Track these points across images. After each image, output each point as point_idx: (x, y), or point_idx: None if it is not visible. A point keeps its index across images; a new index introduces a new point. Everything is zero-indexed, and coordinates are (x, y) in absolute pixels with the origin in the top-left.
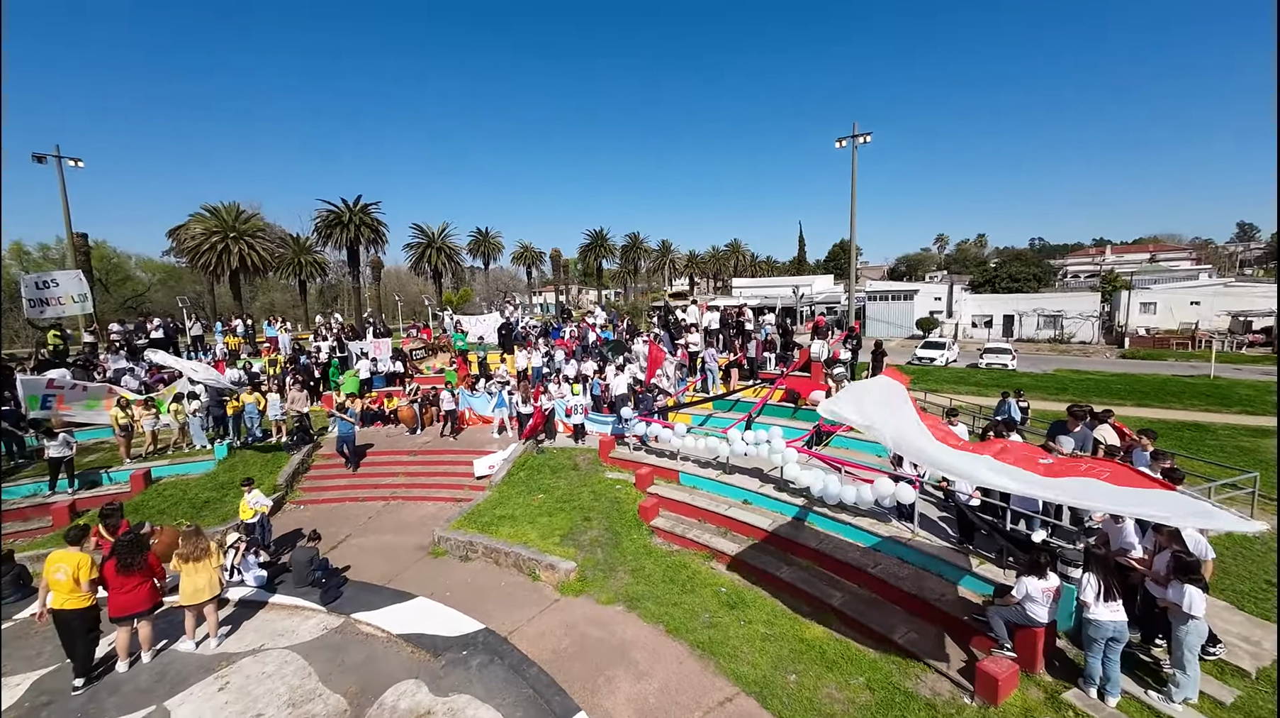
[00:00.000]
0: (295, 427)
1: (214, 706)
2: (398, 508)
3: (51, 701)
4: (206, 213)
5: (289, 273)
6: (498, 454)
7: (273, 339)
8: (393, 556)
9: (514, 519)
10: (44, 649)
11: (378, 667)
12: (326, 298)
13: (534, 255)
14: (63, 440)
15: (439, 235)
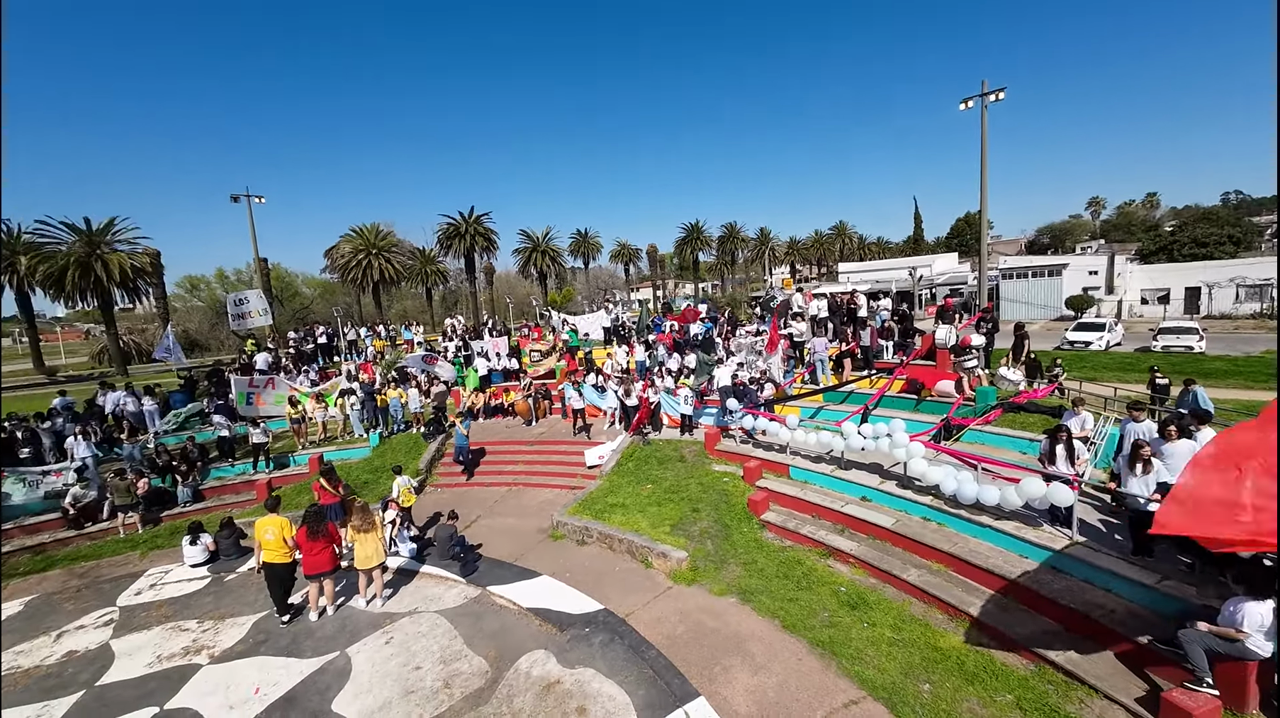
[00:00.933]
0: (431, 418)
1: (383, 656)
2: (519, 494)
3: (267, 638)
4: (353, 233)
5: (417, 282)
6: (607, 445)
7: (409, 342)
8: (517, 536)
9: (625, 508)
10: (259, 598)
11: (511, 636)
12: (448, 303)
13: (631, 253)
14: (262, 430)
15: (543, 239)
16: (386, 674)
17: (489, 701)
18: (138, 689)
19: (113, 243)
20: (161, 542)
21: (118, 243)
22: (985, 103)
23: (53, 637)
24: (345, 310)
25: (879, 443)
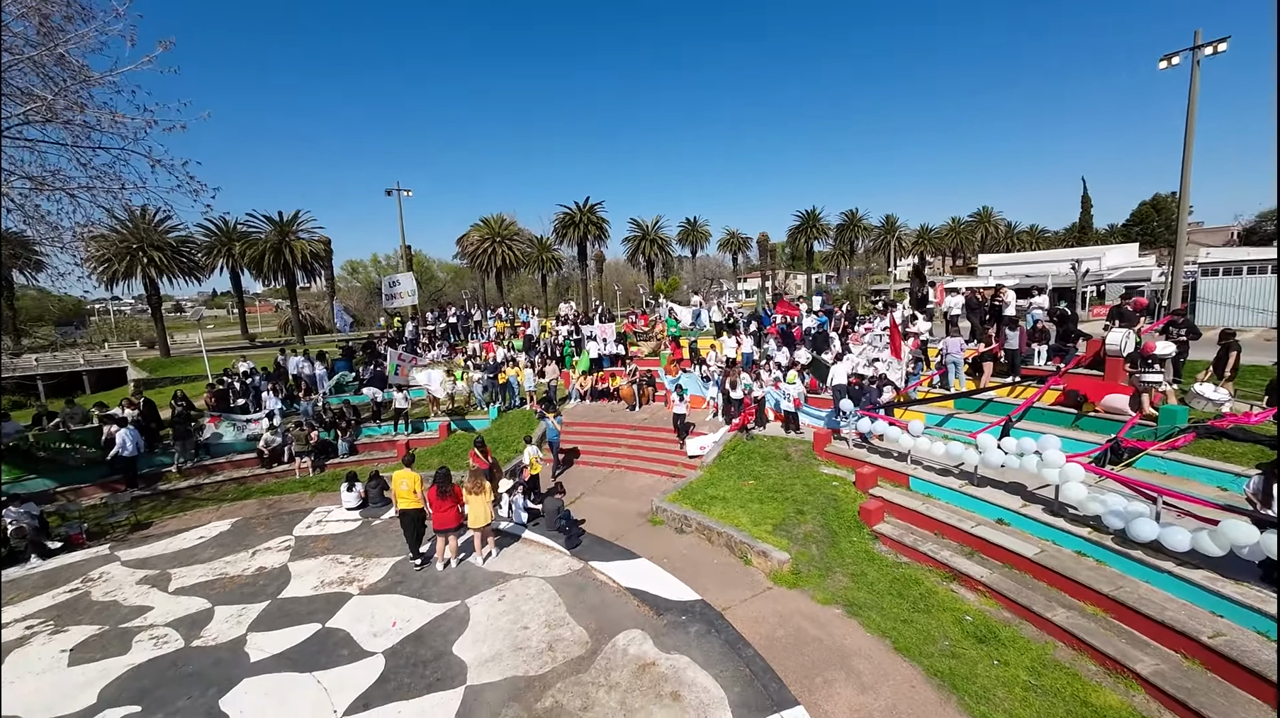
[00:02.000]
0: (544, 396)
1: (496, 611)
2: (620, 476)
3: (403, 580)
4: (482, 223)
5: (534, 268)
6: (709, 436)
7: (526, 324)
8: (618, 517)
9: (725, 501)
10: (398, 543)
11: (610, 611)
12: (561, 289)
13: (740, 242)
14: (404, 397)
15: (652, 228)
16: (499, 629)
17: (588, 669)
18: (307, 606)
19: (297, 231)
20: (326, 485)
21: (300, 231)
22: (1197, 58)
23: (249, 553)
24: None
25: (1024, 461)
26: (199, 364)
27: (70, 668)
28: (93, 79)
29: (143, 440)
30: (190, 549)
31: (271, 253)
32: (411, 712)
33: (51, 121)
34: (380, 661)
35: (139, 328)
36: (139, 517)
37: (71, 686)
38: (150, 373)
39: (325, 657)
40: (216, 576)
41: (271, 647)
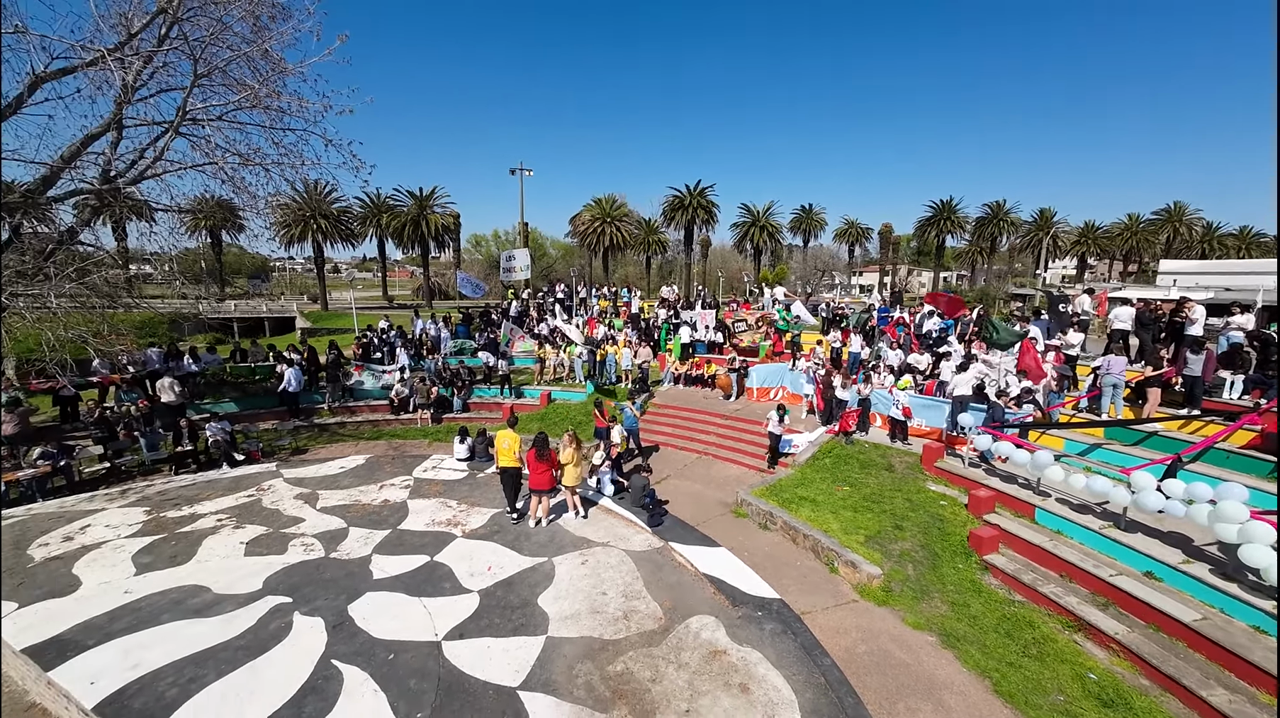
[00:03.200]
0: (639, 376)
1: (579, 573)
2: (708, 463)
3: (499, 530)
4: (593, 203)
5: (640, 250)
6: (804, 435)
7: (627, 304)
8: (701, 504)
9: (815, 504)
10: (497, 496)
11: (686, 593)
12: (664, 272)
13: (859, 232)
14: (508, 365)
15: (763, 214)
16: (579, 590)
17: (659, 645)
18: (419, 540)
19: (433, 206)
20: (441, 436)
21: (435, 205)
22: None
23: (378, 486)
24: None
25: (1192, 509)
26: (348, 319)
27: (245, 558)
28: (287, 70)
29: (304, 380)
30: (334, 476)
31: (411, 224)
32: (499, 648)
33: (255, 107)
34: (475, 598)
35: (306, 284)
36: (298, 443)
37: (246, 572)
38: (312, 323)
39: (431, 586)
40: (351, 501)
41: (390, 569)
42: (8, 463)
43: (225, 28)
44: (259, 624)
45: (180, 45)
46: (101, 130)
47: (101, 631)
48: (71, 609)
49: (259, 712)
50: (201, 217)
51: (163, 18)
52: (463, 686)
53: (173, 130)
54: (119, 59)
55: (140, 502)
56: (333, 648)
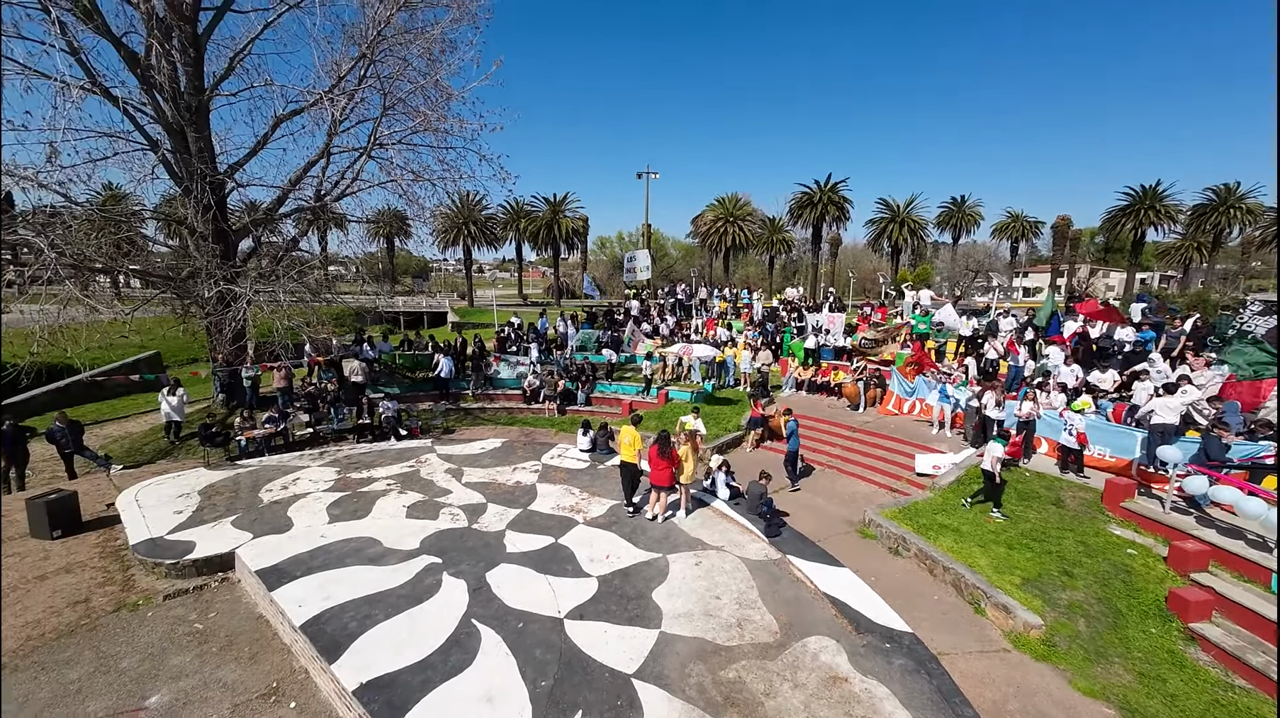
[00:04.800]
0: (758, 379)
1: (692, 573)
2: (831, 477)
3: (617, 522)
4: (717, 203)
5: (762, 249)
6: (946, 456)
7: (748, 306)
8: (823, 519)
9: (958, 534)
10: (616, 489)
11: (804, 611)
12: (788, 272)
13: (1025, 226)
14: (651, 364)
15: (904, 209)
16: (693, 590)
17: (774, 659)
18: (546, 522)
19: (564, 210)
20: (566, 427)
21: (567, 210)
22: None
23: (511, 468)
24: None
25: None
26: (489, 315)
27: (406, 519)
28: (453, 95)
29: (454, 368)
30: (475, 455)
31: (544, 228)
32: (615, 634)
33: (427, 130)
34: (594, 584)
35: (456, 283)
36: (448, 424)
37: (406, 532)
38: (461, 318)
39: (555, 566)
40: (489, 479)
41: (521, 545)
42: (247, 423)
43: (407, 64)
44: (416, 578)
45: (373, 83)
46: (317, 158)
47: (305, 565)
48: (286, 545)
49: (415, 654)
50: (381, 225)
51: (363, 61)
52: (582, 663)
53: (365, 155)
54: (331, 98)
55: (333, 463)
56: (473, 609)
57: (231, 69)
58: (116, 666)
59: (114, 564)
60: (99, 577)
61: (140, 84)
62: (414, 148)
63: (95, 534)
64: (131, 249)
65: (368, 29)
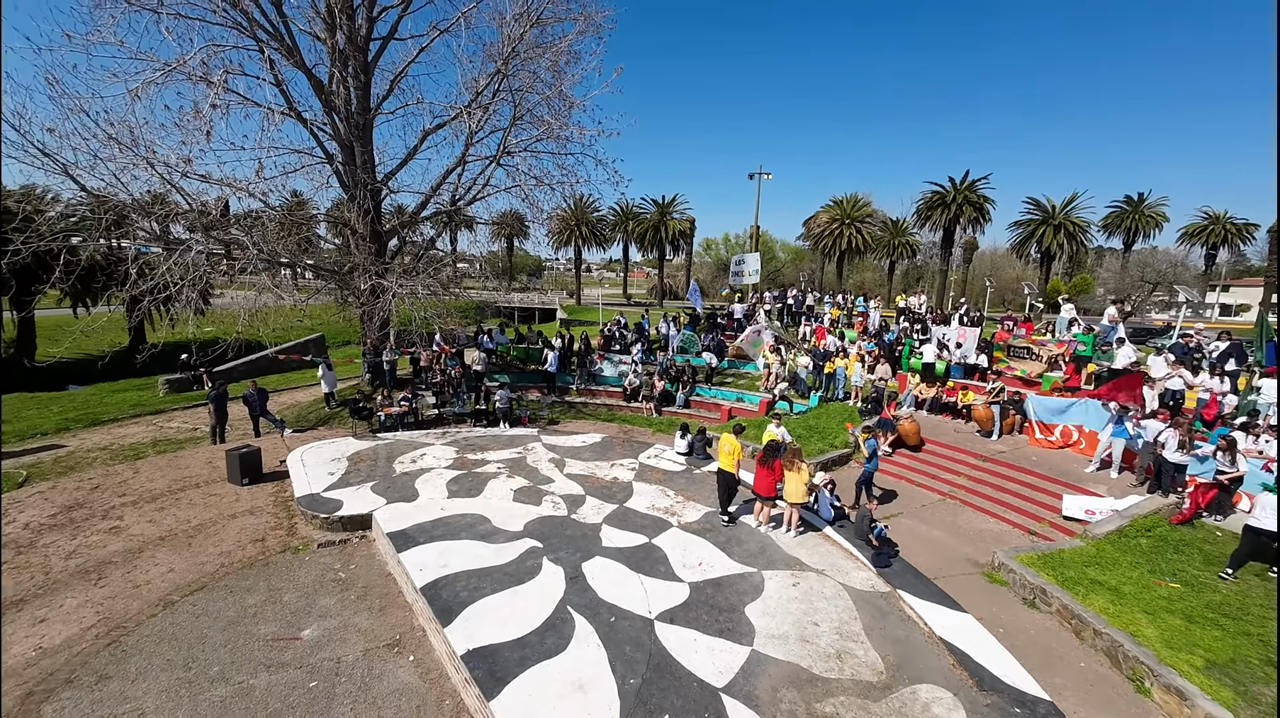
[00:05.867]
0: (871, 394)
1: (788, 594)
2: (953, 509)
3: (712, 529)
4: (832, 203)
5: (882, 254)
6: (1104, 500)
7: (863, 314)
8: (941, 554)
9: (1117, 594)
10: (712, 495)
11: (915, 655)
12: (910, 278)
13: (1229, 231)
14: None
15: (1059, 210)
16: (789, 612)
17: (878, 702)
18: (640, 520)
19: (671, 212)
20: (663, 427)
21: (674, 212)
22: None
23: (610, 464)
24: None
25: None
26: (595, 313)
27: (513, 502)
28: (575, 104)
29: (559, 362)
30: (576, 448)
31: (651, 229)
32: (705, 644)
33: (549, 138)
34: (686, 589)
35: (565, 281)
36: (553, 415)
37: (512, 514)
38: (568, 315)
39: (648, 566)
40: (589, 473)
41: (616, 541)
42: (386, 402)
43: (536, 77)
44: (519, 559)
45: (505, 96)
46: (454, 166)
47: (427, 533)
48: (412, 513)
49: (516, 630)
50: (503, 227)
51: (497, 76)
52: (670, 668)
53: (495, 162)
54: (469, 112)
55: (453, 443)
56: (569, 597)
57: (391, 90)
58: (281, 598)
59: (283, 512)
60: (272, 521)
61: (324, 107)
62: (537, 154)
63: (271, 485)
64: (308, 247)
65: (503, 46)
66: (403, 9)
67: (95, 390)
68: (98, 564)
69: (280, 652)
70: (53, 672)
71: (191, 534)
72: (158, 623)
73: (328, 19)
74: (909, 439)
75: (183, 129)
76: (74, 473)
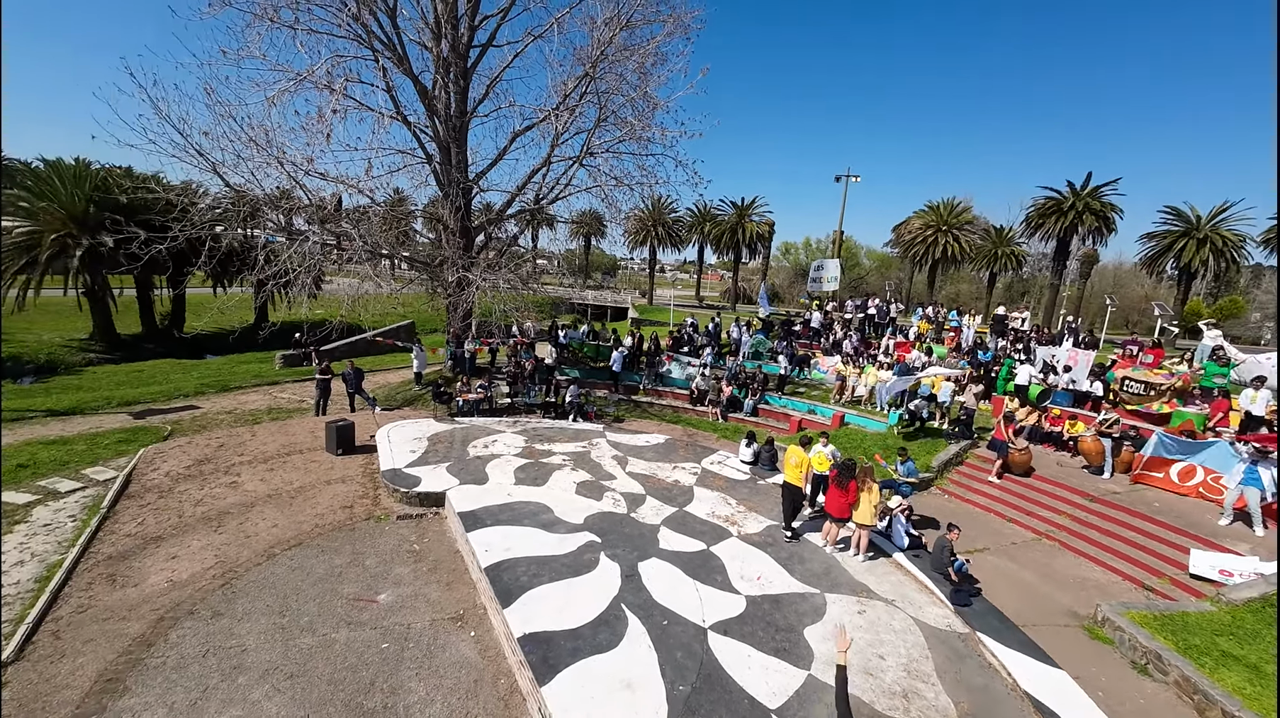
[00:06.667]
0: (960, 417)
1: (853, 621)
2: (1050, 551)
3: (774, 543)
4: (927, 209)
5: (982, 264)
6: (1246, 561)
7: (956, 329)
8: (1033, 600)
9: (1256, 673)
10: (777, 508)
11: (996, 706)
12: (1013, 292)
13: None
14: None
15: (1206, 221)
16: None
17: None
18: (700, 527)
19: (750, 214)
20: (728, 434)
21: (753, 214)
22: None
23: (672, 466)
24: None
25: None
26: (666, 313)
27: (575, 495)
28: (659, 105)
29: (625, 362)
30: (639, 447)
31: (729, 232)
32: (759, 662)
33: (631, 138)
34: (742, 602)
35: (638, 281)
36: (618, 413)
37: (574, 506)
38: (640, 314)
39: (704, 574)
40: (650, 473)
41: (673, 544)
42: (464, 388)
43: (622, 79)
44: (578, 551)
45: (591, 98)
46: (540, 166)
47: (493, 516)
48: (481, 495)
49: (570, 621)
50: (582, 225)
51: (585, 79)
52: (721, 681)
53: (578, 162)
54: (556, 114)
55: (522, 432)
56: (623, 594)
57: (487, 93)
58: (363, 562)
59: (369, 483)
60: (360, 490)
61: (426, 111)
62: (619, 155)
63: (361, 457)
64: (405, 240)
65: (593, 49)
66: (501, 17)
67: (226, 361)
68: (218, 514)
69: (359, 611)
70: (179, 603)
71: (293, 495)
72: (261, 572)
73: (435, 29)
74: (1017, 469)
75: (308, 132)
76: (205, 431)
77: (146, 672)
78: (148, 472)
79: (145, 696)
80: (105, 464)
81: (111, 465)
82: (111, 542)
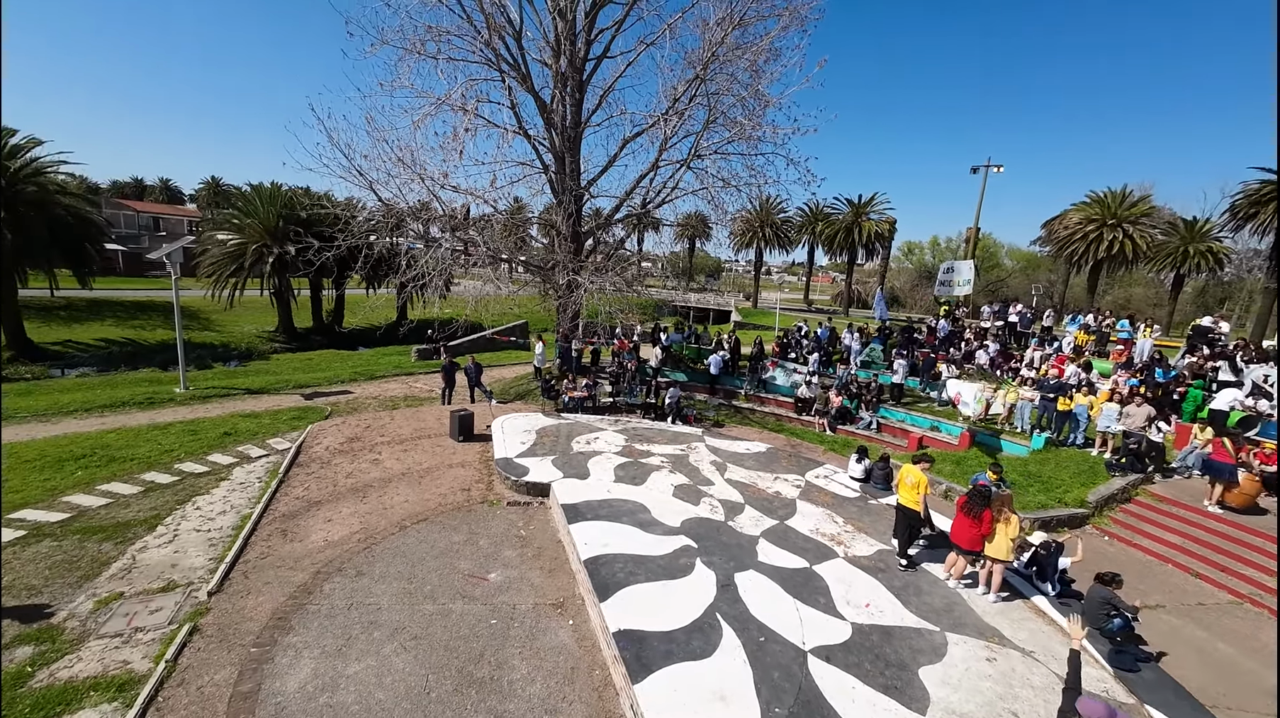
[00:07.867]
0: (1126, 446)
1: (978, 669)
2: (1256, 619)
3: (886, 569)
4: (1089, 201)
5: (1164, 264)
6: None
7: (1127, 342)
8: (1227, 677)
9: None
10: (888, 530)
11: None
12: (1209, 298)
13: None
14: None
15: None
16: (978, 690)
17: None
18: (802, 543)
19: (868, 213)
20: (836, 447)
21: (871, 212)
22: None
23: (773, 477)
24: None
25: None
26: (771, 317)
27: (672, 498)
28: (770, 103)
29: (724, 366)
30: (739, 454)
31: (843, 232)
32: (865, 697)
33: (740, 139)
34: (848, 629)
35: (743, 283)
36: (718, 418)
37: (672, 509)
38: (743, 318)
39: (806, 594)
40: (750, 482)
41: (773, 558)
42: (570, 385)
43: (733, 79)
44: (673, 554)
45: (701, 100)
46: (648, 171)
47: (594, 511)
48: (583, 489)
49: (664, 623)
50: (687, 228)
51: (695, 81)
52: (821, 710)
53: (685, 166)
54: (665, 119)
55: (623, 431)
56: (719, 603)
57: (600, 104)
58: (477, 542)
59: (485, 469)
60: (476, 475)
61: (545, 124)
62: (726, 156)
63: (479, 444)
64: (522, 245)
65: (704, 51)
66: (616, 29)
67: (374, 353)
68: (363, 486)
69: (472, 587)
70: (331, 560)
71: (422, 475)
72: (394, 541)
73: (555, 46)
74: (1236, 502)
75: (444, 149)
76: (355, 413)
77: (306, 616)
78: (313, 445)
79: (305, 635)
80: (283, 437)
81: (287, 438)
82: (285, 502)
